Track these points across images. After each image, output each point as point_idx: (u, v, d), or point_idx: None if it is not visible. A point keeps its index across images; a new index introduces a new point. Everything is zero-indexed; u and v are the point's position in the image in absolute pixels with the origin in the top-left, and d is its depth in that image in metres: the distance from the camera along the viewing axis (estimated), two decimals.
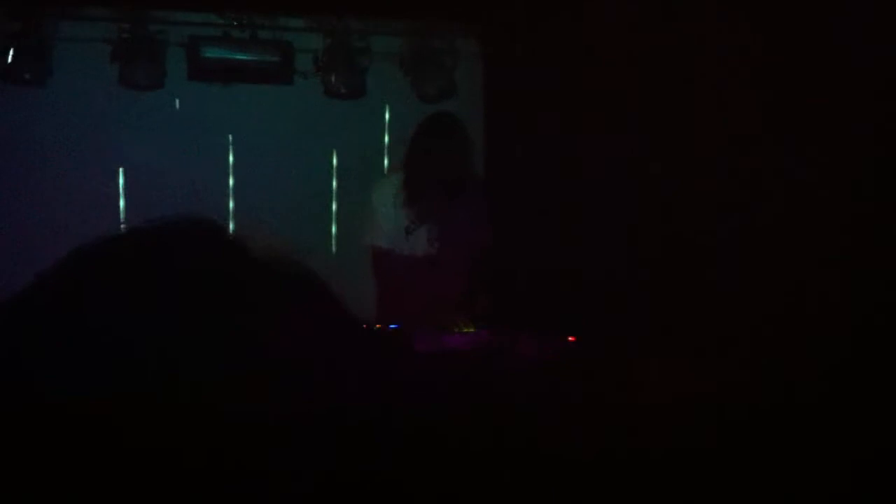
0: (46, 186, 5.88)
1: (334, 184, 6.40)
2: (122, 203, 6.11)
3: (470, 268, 4.70)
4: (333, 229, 6.43)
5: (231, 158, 6.25)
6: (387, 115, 6.32)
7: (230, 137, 6.23)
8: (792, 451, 2.45)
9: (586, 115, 4.98)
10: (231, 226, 6.01)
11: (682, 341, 3.94)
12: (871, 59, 3.52)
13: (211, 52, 5.72)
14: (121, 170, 6.06)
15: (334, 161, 6.38)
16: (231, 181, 6.23)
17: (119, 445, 0.74)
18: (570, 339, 4.31)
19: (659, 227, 4.45)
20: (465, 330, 4.30)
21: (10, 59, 5.50)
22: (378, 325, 4.04)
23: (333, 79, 5.84)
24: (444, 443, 0.91)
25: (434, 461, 0.87)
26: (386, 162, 6.26)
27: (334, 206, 6.43)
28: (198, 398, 0.76)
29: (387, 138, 6.29)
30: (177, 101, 6.05)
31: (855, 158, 3.60)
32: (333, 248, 6.39)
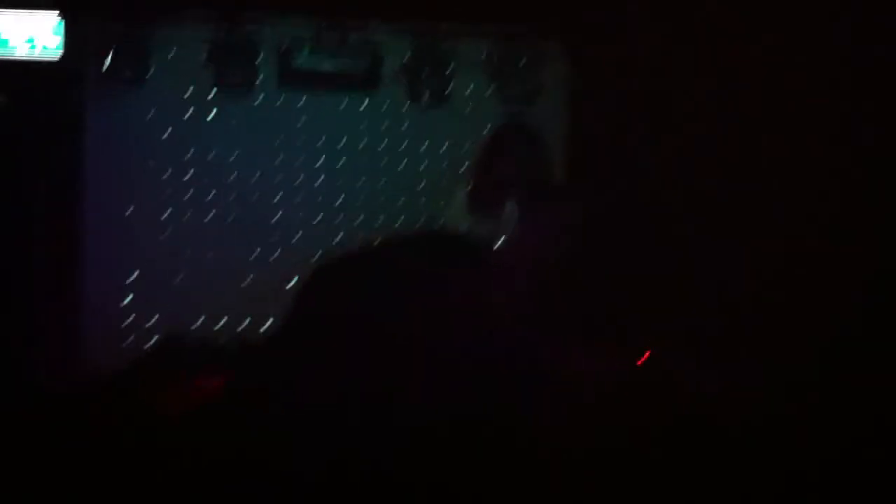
0: (144, 185, 6.08)
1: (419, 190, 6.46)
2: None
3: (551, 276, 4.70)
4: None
5: (320, 163, 6.37)
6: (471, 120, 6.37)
7: (320, 141, 6.34)
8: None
9: (675, 119, 4.98)
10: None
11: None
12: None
13: (301, 61, 5.85)
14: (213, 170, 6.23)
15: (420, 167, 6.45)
16: (314, 184, 6.34)
17: None
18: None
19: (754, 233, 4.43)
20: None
21: (108, 62, 5.69)
22: None
23: (419, 83, 5.92)
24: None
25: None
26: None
27: (420, 213, 6.49)
28: None
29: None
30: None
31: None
32: None
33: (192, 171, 6.17)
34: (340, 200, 6.35)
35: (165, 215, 6.12)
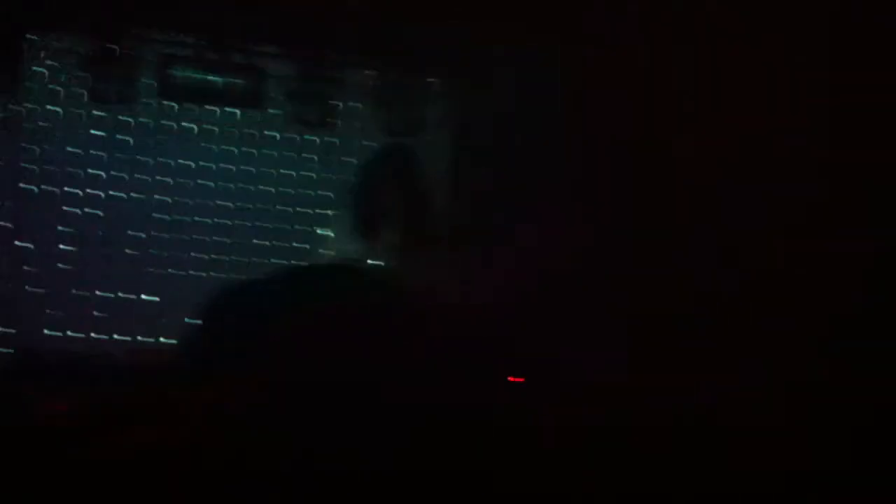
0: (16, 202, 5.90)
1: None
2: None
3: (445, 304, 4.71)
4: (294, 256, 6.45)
5: (199, 180, 6.27)
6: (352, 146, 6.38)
7: (200, 159, 6.26)
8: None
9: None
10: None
11: None
12: None
13: (182, 73, 5.76)
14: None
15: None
16: (189, 202, 6.24)
17: None
18: None
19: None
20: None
21: None
22: None
23: (302, 107, 5.89)
24: None
25: None
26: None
27: (297, 235, 6.45)
28: None
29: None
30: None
31: None
32: None
33: (67, 186, 6.01)
34: (220, 220, 6.27)
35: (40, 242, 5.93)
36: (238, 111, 6.12)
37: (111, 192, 6.07)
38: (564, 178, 5.20)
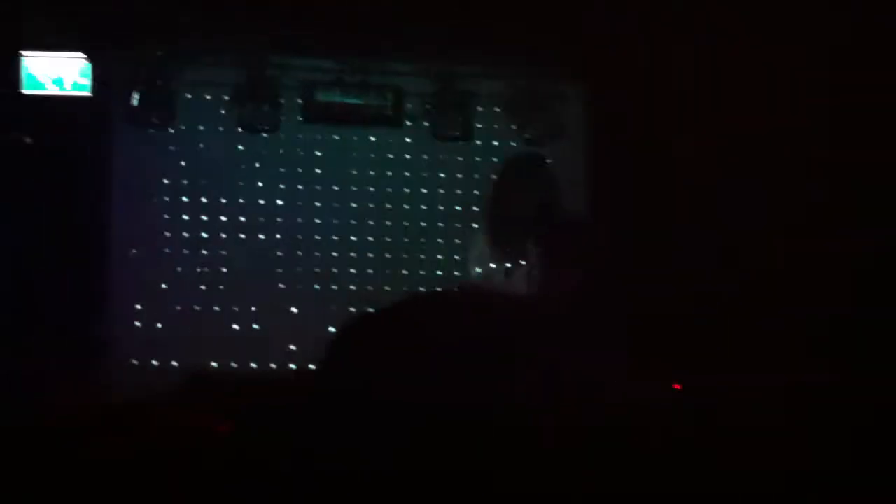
0: (168, 222, 6.17)
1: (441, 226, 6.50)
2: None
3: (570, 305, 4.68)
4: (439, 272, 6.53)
5: (342, 199, 6.43)
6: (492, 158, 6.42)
7: (344, 178, 6.41)
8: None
9: (692, 157, 4.99)
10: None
11: None
12: None
13: (324, 97, 5.91)
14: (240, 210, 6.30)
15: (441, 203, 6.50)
16: (338, 220, 6.40)
17: None
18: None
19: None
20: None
21: (135, 103, 5.78)
22: None
23: (442, 122, 5.96)
24: None
25: None
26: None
27: (441, 249, 6.52)
28: None
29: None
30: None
31: None
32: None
33: (215, 211, 6.25)
34: (366, 237, 6.41)
35: (191, 254, 6.19)
36: (379, 130, 6.24)
37: (258, 216, 6.28)
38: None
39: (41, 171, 5.56)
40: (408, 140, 6.37)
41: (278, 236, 6.34)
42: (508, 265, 4.73)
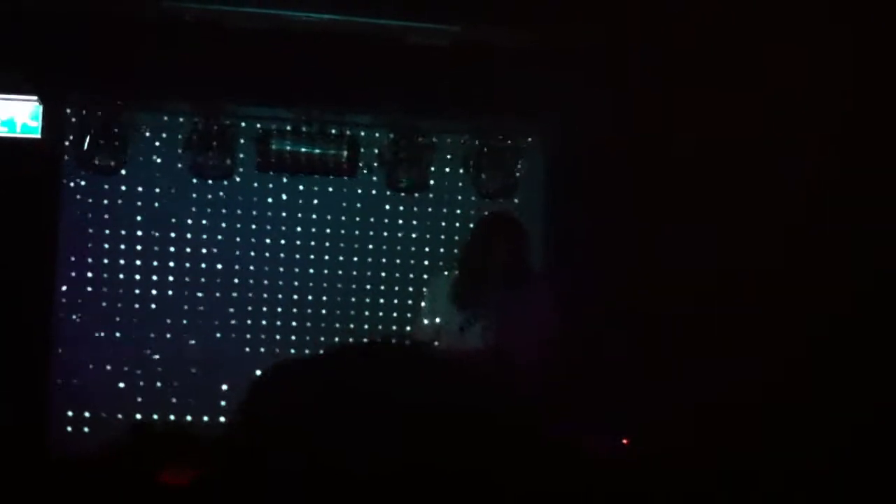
0: (117, 269, 6.07)
1: (393, 276, 6.49)
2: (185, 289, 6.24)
3: (529, 360, 4.68)
4: (390, 319, 6.50)
5: (293, 247, 6.39)
6: (447, 209, 6.45)
7: (298, 227, 6.37)
8: None
9: (652, 208, 5.07)
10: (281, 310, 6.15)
11: None
12: None
13: (279, 145, 5.89)
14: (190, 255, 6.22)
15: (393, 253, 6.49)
16: (291, 269, 6.35)
17: None
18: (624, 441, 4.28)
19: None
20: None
21: (86, 147, 5.70)
22: None
23: (396, 173, 5.97)
24: None
25: None
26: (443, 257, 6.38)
27: (394, 297, 6.51)
28: None
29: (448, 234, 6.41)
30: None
31: None
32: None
33: (166, 257, 6.16)
34: (318, 287, 6.37)
35: (139, 301, 6.09)
36: (334, 179, 6.23)
37: (208, 263, 6.22)
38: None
39: None
40: (362, 190, 6.36)
41: (226, 282, 6.26)
42: (466, 319, 4.73)
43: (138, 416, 5.79)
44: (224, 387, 6.02)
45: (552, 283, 5.18)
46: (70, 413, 5.91)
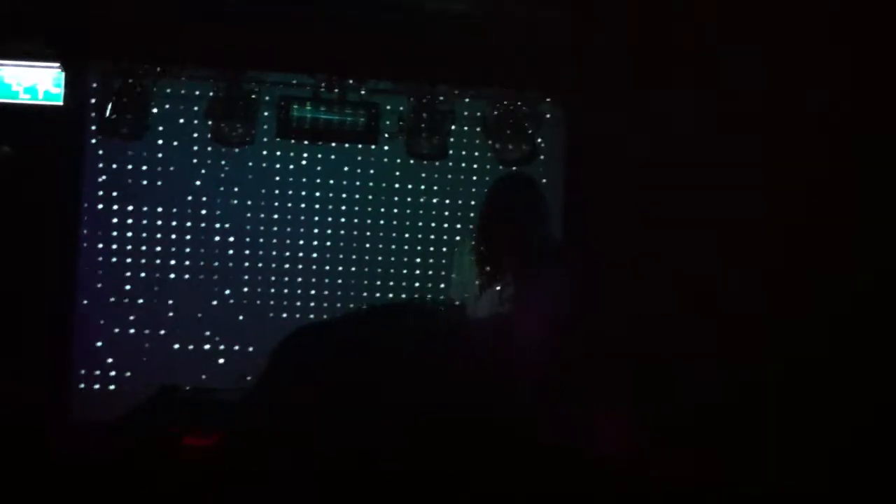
0: (139, 236, 6.11)
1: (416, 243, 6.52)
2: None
3: (545, 333, 4.68)
4: (413, 288, 6.54)
5: (314, 215, 6.41)
6: (467, 177, 6.47)
7: (318, 195, 6.40)
8: None
9: (669, 181, 5.04)
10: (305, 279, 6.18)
11: None
12: None
13: (300, 112, 5.89)
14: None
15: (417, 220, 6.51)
16: (312, 236, 6.38)
17: None
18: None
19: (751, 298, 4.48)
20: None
21: (108, 114, 5.72)
22: None
23: (417, 140, 5.97)
24: None
25: None
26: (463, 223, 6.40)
27: (415, 266, 6.54)
28: None
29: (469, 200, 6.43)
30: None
31: None
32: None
33: (187, 223, 6.20)
34: (340, 254, 6.41)
35: (160, 267, 6.14)
36: (354, 147, 6.25)
37: (229, 229, 6.25)
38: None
39: (10, 181, 5.49)
40: (383, 157, 6.38)
41: (248, 251, 6.30)
42: (487, 285, 4.75)
43: (162, 379, 5.84)
44: (245, 352, 6.07)
45: (570, 250, 5.20)
46: (94, 375, 5.98)
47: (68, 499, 3.67)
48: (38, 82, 5.54)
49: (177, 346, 6.12)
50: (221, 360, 6.13)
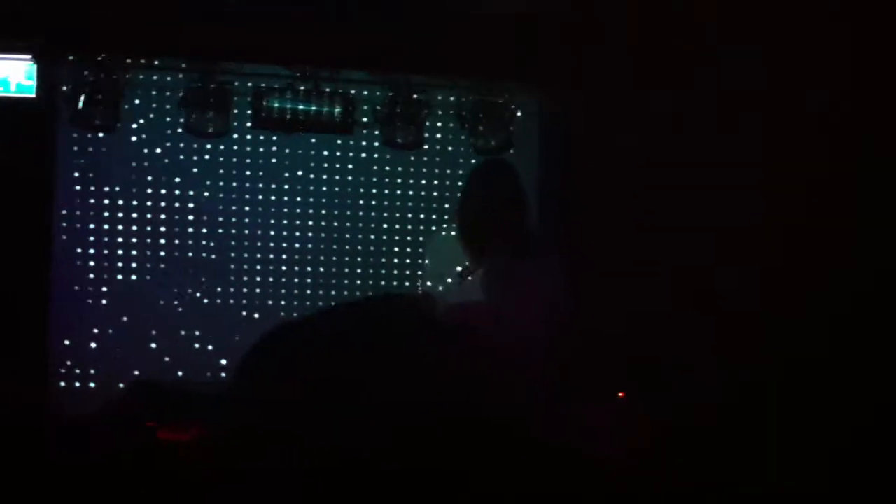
0: (113, 228, 6.07)
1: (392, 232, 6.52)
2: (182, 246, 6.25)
3: (532, 321, 4.68)
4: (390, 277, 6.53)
5: (290, 205, 6.39)
6: (443, 167, 6.47)
7: (294, 185, 6.38)
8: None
9: (646, 170, 5.06)
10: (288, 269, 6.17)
11: None
12: None
13: (274, 103, 5.87)
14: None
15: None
16: (288, 227, 6.37)
17: None
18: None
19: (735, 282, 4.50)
20: None
21: (80, 105, 5.67)
22: None
23: (392, 130, 5.96)
24: None
25: None
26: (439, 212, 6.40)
27: (392, 255, 6.54)
28: None
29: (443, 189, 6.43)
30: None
31: None
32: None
33: (162, 215, 6.17)
34: (315, 245, 6.40)
35: (135, 260, 6.11)
36: (330, 137, 6.24)
37: (204, 221, 6.23)
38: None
39: None
40: (358, 147, 6.37)
41: (223, 241, 6.28)
42: (465, 271, 4.75)
43: (137, 374, 5.82)
44: (221, 345, 6.05)
45: (548, 237, 5.21)
46: (70, 371, 5.94)
47: (50, 495, 3.66)
48: (9, 74, 5.49)
49: (153, 340, 6.09)
50: (198, 355, 6.11)
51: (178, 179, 6.20)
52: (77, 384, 5.96)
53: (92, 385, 5.95)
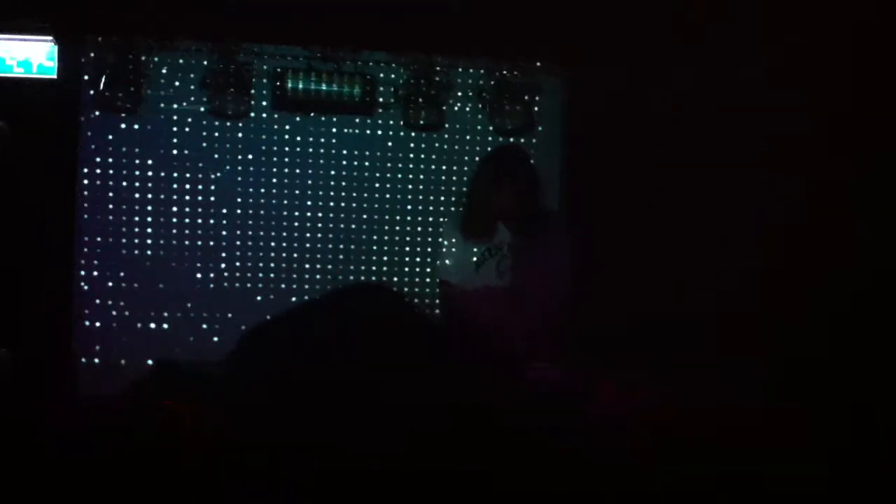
0: (136, 211, 6.08)
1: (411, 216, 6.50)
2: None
3: (545, 302, 4.68)
4: (410, 262, 6.52)
5: (310, 187, 6.38)
6: (464, 148, 6.44)
7: (314, 167, 6.37)
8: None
9: (668, 153, 5.02)
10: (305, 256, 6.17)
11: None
12: None
13: (295, 84, 5.86)
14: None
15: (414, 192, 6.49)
16: (309, 209, 6.36)
17: None
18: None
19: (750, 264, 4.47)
20: (538, 365, 4.20)
21: (102, 87, 5.68)
22: None
23: (413, 111, 5.94)
24: None
25: None
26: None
27: (413, 235, 6.52)
28: None
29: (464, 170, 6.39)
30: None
31: None
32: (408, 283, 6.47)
33: (185, 196, 6.17)
34: (334, 227, 6.39)
35: (158, 241, 6.11)
36: (350, 118, 6.22)
37: (224, 203, 6.22)
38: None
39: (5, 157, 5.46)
40: (378, 128, 6.35)
41: (242, 222, 6.28)
42: (480, 257, 4.75)
43: (156, 357, 5.83)
44: (241, 326, 6.05)
45: (565, 223, 5.19)
46: (90, 352, 5.97)
47: (64, 471, 3.67)
48: (31, 56, 5.50)
49: (175, 322, 6.11)
50: (216, 336, 6.12)
51: (199, 160, 6.20)
52: (97, 360, 5.97)
53: (117, 363, 5.96)
